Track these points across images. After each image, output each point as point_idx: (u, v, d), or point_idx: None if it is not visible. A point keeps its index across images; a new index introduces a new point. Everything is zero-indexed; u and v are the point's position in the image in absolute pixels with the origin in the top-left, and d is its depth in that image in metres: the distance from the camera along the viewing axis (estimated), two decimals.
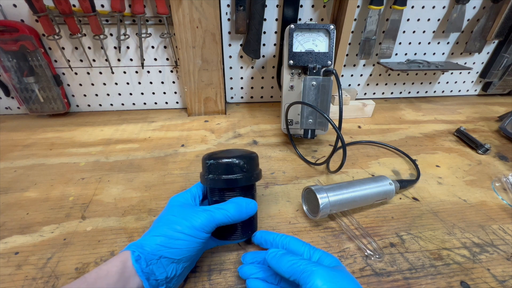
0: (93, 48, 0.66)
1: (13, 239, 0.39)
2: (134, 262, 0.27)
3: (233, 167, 0.33)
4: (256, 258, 0.35)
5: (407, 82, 0.83)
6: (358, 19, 0.69)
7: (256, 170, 0.36)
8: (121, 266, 0.27)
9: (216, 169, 0.34)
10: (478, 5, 0.70)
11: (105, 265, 0.27)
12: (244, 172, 0.34)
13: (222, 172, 0.33)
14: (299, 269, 0.26)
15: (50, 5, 0.56)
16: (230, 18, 0.66)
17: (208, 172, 0.34)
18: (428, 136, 0.65)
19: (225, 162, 0.33)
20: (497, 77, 0.81)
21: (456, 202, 0.46)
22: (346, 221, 0.42)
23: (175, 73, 0.72)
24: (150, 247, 0.28)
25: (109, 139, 0.62)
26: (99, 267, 0.27)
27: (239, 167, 0.34)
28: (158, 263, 0.28)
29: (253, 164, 0.36)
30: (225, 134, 0.65)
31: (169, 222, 0.31)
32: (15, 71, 0.62)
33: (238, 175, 0.34)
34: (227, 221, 0.32)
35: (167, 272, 0.28)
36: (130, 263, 0.27)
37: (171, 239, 0.29)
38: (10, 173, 0.52)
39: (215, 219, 0.31)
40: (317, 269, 0.26)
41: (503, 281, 0.34)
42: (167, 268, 0.29)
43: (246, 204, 0.33)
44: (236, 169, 0.34)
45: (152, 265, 0.28)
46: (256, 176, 0.36)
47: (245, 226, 0.35)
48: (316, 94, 0.51)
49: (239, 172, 0.34)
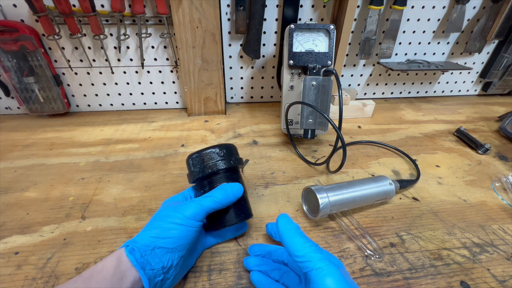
0: (93, 48, 0.66)
1: (13, 239, 0.39)
2: (128, 253, 0.28)
3: (212, 155, 0.37)
4: (262, 250, 0.36)
5: (407, 82, 0.83)
6: (358, 19, 0.69)
7: (235, 156, 0.39)
8: (116, 261, 0.27)
9: (198, 160, 0.37)
10: (478, 5, 0.70)
11: (101, 262, 0.28)
12: (223, 157, 0.37)
13: (204, 161, 0.37)
14: (313, 260, 0.25)
15: (50, 5, 0.56)
16: (230, 18, 0.66)
17: (192, 166, 0.37)
18: (428, 136, 0.65)
19: (204, 153, 0.37)
20: (497, 77, 0.81)
21: (456, 202, 0.46)
22: (346, 221, 0.42)
23: (175, 73, 0.72)
24: (144, 239, 0.29)
25: (109, 139, 0.62)
26: (95, 265, 0.28)
27: (217, 154, 0.37)
28: (152, 253, 0.29)
29: (231, 150, 0.39)
30: (225, 134, 0.65)
31: (161, 216, 0.32)
32: (15, 71, 0.62)
33: (218, 160, 0.37)
34: (215, 206, 0.33)
35: (163, 262, 0.29)
36: (125, 256, 0.28)
37: (163, 230, 0.30)
38: (10, 173, 0.52)
39: (204, 206, 0.32)
40: (331, 270, 0.25)
41: (503, 281, 0.34)
42: (163, 258, 0.29)
43: (231, 187, 0.35)
44: (215, 156, 0.37)
45: (146, 256, 0.28)
46: (235, 160, 0.38)
47: (237, 209, 0.36)
48: (316, 94, 0.51)
49: (219, 159, 0.37)
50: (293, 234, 0.28)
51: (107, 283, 0.26)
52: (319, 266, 0.25)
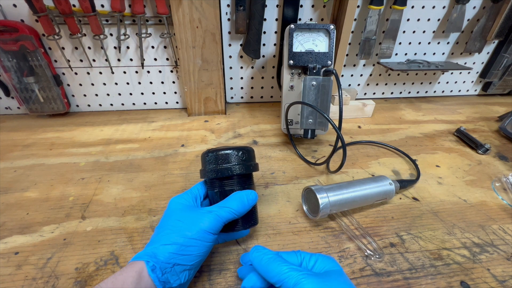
0: (93, 48, 0.66)
1: (13, 239, 0.39)
2: (150, 272, 0.27)
3: (232, 157, 0.36)
4: None
5: (407, 82, 0.83)
6: (358, 19, 0.69)
7: (253, 161, 0.38)
8: (137, 276, 0.27)
9: (216, 160, 0.36)
10: (478, 5, 0.70)
11: (120, 275, 0.27)
12: (243, 162, 0.36)
13: (222, 162, 0.35)
14: (289, 279, 0.25)
15: (50, 5, 0.56)
16: (230, 18, 0.66)
17: (209, 164, 0.36)
18: (428, 136, 0.65)
19: (225, 153, 0.36)
20: (497, 77, 0.81)
21: (456, 202, 0.46)
22: (346, 221, 0.42)
23: (175, 73, 0.72)
24: (163, 256, 0.29)
25: (109, 139, 0.62)
26: (114, 277, 0.27)
27: (237, 157, 0.36)
28: (172, 271, 0.29)
29: (251, 156, 0.38)
30: (225, 134, 0.65)
31: (177, 228, 0.31)
32: (15, 71, 0.62)
33: (237, 164, 0.35)
34: (232, 217, 0.33)
35: (180, 279, 0.29)
36: (145, 273, 0.27)
37: (182, 246, 0.29)
38: (10, 173, 0.52)
39: (221, 217, 0.32)
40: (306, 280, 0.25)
41: (503, 281, 0.34)
42: (180, 275, 0.29)
43: (247, 196, 0.34)
44: (235, 159, 0.36)
45: (167, 274, 0.28)
46: (254, 166, 0.37)
47: (247, 216, 0.36)
48: (316, 94, 0.51)
49: (238, 162, 0.36)
50: (266, 263, 0.27)
51: None
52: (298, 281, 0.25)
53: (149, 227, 0.41)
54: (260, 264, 0.28)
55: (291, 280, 0.25)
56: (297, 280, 0.25)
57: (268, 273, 0.27)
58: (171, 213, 0.33)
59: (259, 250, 0.29)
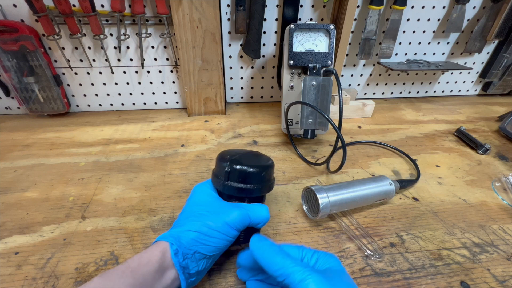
0: (93, 48, 0.66)
1: (13, 239, 0.39)
2: (173, 255, 0.28)
3: (254, 176, 0.33)
4: (249, 258, 0.34)
5: (407, 82, 0.83)
6: (358, 19, 0.69)
7: (273, 177, 0.37)
8: (161, 256, 0.28)
9: (237, 176, 0.33)
10: (478, 5, 0.70)
11: (146, 253, 0.28)
12: (266, 182, 0.34)
13: (243, 181, 0.33)
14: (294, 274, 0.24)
15: (50, 5, 0.56)
16: (230, 18, 0.66)
17: (226, 178, 0.33)
18: (428, 136, 0.65)
19: (248, 172, 0.32)
20: (497, 77, 0.81)
21: (456, 202, 0.46)
22: (346, 221, 0.42)
23: (175, 73, 0.72)
24: (187, 241, 0.29)
25: (109, 139, 0.62)
26: (140, 255, 0.28)
27: (260, 177, 0.33)
28: (192, 257, 0.29)
29: (271, 173, 0.36)
30: (225, 134, 0.65)
31: (202, 217, 0.31)
32: (15, 71, 0.62)
33: (259, 185, 0.33)
34: (257, 222, 0.33)
35: (198, 266, 0.30)
36: (169, 254, 0.28)
37: (205, 236, 0.30)
38: (10, 173, 0.52)
39: (249, 217, 0.32)
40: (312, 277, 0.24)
41: (503, 281, 0.34)
42: (199, 263, 0.30)
43: (267, 211, 0.34)
44: (256, 179, 0.33)
45: (187, 260, 0.29)
46: (272, 183, 0.36)
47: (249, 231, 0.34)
48: (316, 94, 0.51)
49: (259, 182, 0.33)
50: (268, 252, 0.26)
51: (151, 277, 0.27)
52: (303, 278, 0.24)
53: (149, 227, 0.41)
54: (263, 255, 0.27)
55: (296, 276, 0.24)
56: (304, 276, 0.24)
57: (271, 266, 0.26)
58: (197, 200, 0.34)
59: (262, 240, 0.28)
